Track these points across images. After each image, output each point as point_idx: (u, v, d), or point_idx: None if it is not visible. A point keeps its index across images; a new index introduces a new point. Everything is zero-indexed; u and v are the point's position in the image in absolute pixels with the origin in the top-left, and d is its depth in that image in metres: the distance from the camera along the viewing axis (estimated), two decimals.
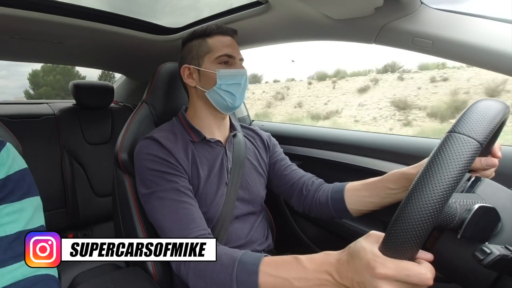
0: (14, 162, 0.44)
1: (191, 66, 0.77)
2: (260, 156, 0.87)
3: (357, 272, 0.39)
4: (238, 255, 0.53)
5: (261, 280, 0.49)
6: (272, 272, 0.49)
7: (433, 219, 0.32)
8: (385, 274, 0.36)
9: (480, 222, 0.37)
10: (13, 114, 1.43)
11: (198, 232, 0.61)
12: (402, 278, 0.35)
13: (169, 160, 0.68)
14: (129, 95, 1.85)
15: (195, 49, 0.77)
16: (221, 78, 0.73)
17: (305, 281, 0.45)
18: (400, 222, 0.33)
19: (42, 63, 2.11)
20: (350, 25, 0.79)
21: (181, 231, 0.61)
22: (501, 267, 0.34)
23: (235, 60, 0.76)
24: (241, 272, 0.51)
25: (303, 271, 0.46)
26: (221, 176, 0.76)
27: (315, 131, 1.22)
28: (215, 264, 0.54)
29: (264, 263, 0.50)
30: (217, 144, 0.78)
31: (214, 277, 0.53)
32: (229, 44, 0.76)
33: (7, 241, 0.39)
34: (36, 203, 0.44)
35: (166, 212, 0.64)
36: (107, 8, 1.07)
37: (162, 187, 0.66)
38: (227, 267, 0.52)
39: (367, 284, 0.38)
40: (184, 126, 0.78)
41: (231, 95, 0.75)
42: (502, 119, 0.35)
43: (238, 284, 0.50)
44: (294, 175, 0.84)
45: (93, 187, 1.50)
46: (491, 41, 0.61)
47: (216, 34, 0.76)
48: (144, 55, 1.39)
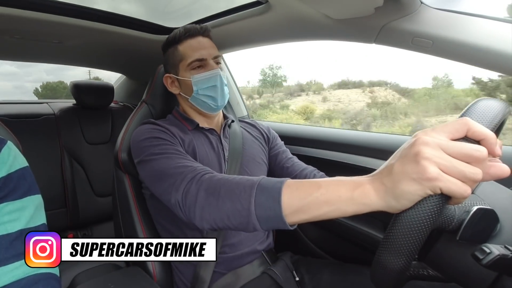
0: (15, 160, 0.44)
1: (171, 75, 0.80)
2: (259, 146, 0.87)
3: (395, 154, 0.35)
4: (261, 177, 0.48)
5: (286, 184, 0.43)
6: (300, 180, 0.43)
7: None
8: (428, 139, 0.31)
9: (478, 223, 0.37)
10: (13, 113, 1.43)
11: (204, 168, 0.57)
12: (451, 149, 0.30)
13: (167, 132, 0.70)
14: (129, 95, 1.85)
15: (171, 58, 0.79)
16: (196, 84, 0.75)
17: (336, 182, 0.39)
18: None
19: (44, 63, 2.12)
20: (350, 25, 0.79)
21: (185, 168, 0.57)
22: (500, 267, 0.34)
23: (207, 62, 0.76)
24: (265, 181, 0.45)
25: (335, 178, 0.40)
26: (219, 165, 0.76)
27: (315, 131, 1.22)
28: (235, 178, 0.49)
29: (291, 180, 0.45)
30: (211, 133, 0.80)
31: (232, 188, 0.47)
32: (198, 47, 0.76)
33: (9, 239, 0.39)
34: (37, 201, 0.44)
35: (169, 162, 0.60)
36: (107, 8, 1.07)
37: (161, 147, 0.65)
38: (250, 179, 0.47)
39: (407, 152, 0.32)
40: (178, 118, 0.81)
41: (211, 98, 0.76)
42: (501, 119, 0.35)
43: (258, 192, 0.44)
44: (297, 168, 0.84)
45: (93, 187, 1.49)
46: (491, 41, 0.61)
47: (185, 38, 0.77)
48: (144, 55, 1.39)
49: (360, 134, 1.10)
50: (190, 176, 0.54)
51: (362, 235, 0.88)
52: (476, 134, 0.31)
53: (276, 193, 0.42)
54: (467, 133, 0.31)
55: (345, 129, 1.19)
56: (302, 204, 0.40)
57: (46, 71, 47.46)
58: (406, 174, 0.32)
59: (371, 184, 0.36)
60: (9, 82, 50.73)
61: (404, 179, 0.32)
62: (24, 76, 52.87)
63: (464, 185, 0.30)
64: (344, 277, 0.75)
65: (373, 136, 1.04)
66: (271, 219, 0.43)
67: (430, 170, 0.30)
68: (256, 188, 0.44)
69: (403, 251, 0.33)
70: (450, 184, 0.30)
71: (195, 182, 0.52)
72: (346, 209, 0.37)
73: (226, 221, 0.47)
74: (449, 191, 0.30)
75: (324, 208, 0.38)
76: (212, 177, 0.52)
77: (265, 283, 0.74)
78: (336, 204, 0.37)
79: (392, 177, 0.33)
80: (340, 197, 0.37)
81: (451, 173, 0.30)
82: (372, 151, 0.98)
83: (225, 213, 0.47)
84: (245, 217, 0.44)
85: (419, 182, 0.31)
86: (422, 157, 0.30)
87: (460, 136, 0.31)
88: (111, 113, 1.63)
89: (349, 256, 0.92)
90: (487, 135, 0.30)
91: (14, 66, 49.39)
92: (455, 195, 0.30)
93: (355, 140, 1.05)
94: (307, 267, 0.80)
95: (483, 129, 0.31)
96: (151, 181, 0.63)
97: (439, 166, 0.30)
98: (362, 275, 0.73)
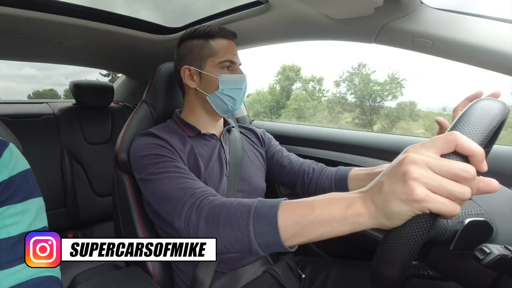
0: (17, 163, 0.44)
1: (192, 68, 0.76)
2: (256, 150, 0.87)
3: (385, 172, 0.35)
4: (258, 199, 0.49)
5: (281, 208, 0.44)
6: (294, 202, 0.44)
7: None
8: (416, 157, 0.31)
9: (472, 234, 0.36)
10: (13, 113, 1.43)
11: (203, 190, 0.58)
12: (439, 168, 0.30)
13: (166, 146, 0.69)
14: (129, 95, 1.85)
15: (197, 50, 0.76)
16: (224, 83, 0.74)
17: (329, 202, 0.39)
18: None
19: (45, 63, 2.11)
20: (350, 25, 0.79)
21: (187, 190, 0.58)
22: (500, 267, 0.34)
23: (236, 66, 0.76)
24: (261, 205, 0.46)
25: (329, 195, 0.41)
26: (221, 168, 0.76)
27: (315, 131, 1.22)
28: (233, 203, 0.50)
29: (285, 201, 0.46)
30: (212, 138, 0.79)
31: (230, 215, 0.48)
32: (231, 49, 0.76)
33: (11, 242, 0.39)
34: (39, 204, 0.44)
35: (168, 183, 0.61)
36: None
37: (160, 165, 0.65)
38: (246, 204, 0.48)
39: (396, 171, 0.32)
40: (179, 124, 0.79)
41: (232, 99, 0.75)
42: (498, 122, 0.35)
43: (255, 219, 0.45)
44: (294, 165, 0.84)
45: (93, 187, 1.49)
46: (491, 41, 0.61)
47: (219, 37, 0.76)
48: (144, 55, 1.39)
49: (358, 134, 1.10)
50: (190, 203, 0.55)
51: (362, 236, 0.88)
52: (464, 150, 0.31)
53: (273, 219, 0.43)
54: (456, 149, 0.31)
55: (344, 129, 1.19)
56: (299, 228, 0.41)
57: (65, 75, 47.75)
58: (395, 194, 0.32)
59: (362, 202, 0.36)
60: (29, 84, 51.01)
61: (393, 200, 0.32)
62: (44, 79, 53.29)
63: (452, 204, 0.30)
64: (351, 273, 0.75)
65: (371, 136, 1.04)
66: (271, 245, 0.44)
67: (417, 192, 0.30)
68: (253, 215, 0.46)
69: (397, 263, 0.34)
70: (438, 204, 0.30)
71: (195, 210, 0.53)
72: (342, 229, 0.38)
73: (230, 248, 0.49)
74: (437, 211, 0.30)
75: (321, 230, 0.39)
76: (211, 202, 0.53)
77: (267, 282, 0.74)
78: (331, 225, 0.38)
79: (382, 196, 0.34)
80: (335, 218, 0.38)
81: (439, 193, 0.30)
82: (370, 150, 0.99)
83: (227, 241, 0.48)
84: (247, 243, 0.46)
85: (407, 203, 0.31)
86: (409, 178, 0.31)
87: (449, 151, 0.31)
88: (111, 113, 1.63)
89: (350, 256, 0.92)
90: (475, 152, 0.30)
91: (35, 68, 49.55)
92: (444, 214, 0.31)
93: (353, 140, 1.05)
94: (312, 265, 0.81)
95: (471, 145, 0.30)
96: (153, 201, 0.65)
97: (427, 186, 0.30)
98: (368, 269, 0.73)
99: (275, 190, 1.16)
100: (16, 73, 52.51)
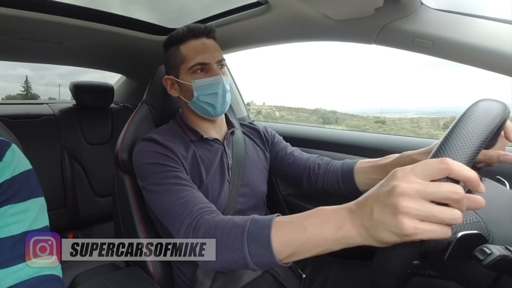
0: (19, 163, 0.45)
1: (171, 77, 0.77)
2: (260, 151, 0.87)
3: (375, 196, 0.35)
4: (250, 217, 0.50)
5: (273, 230, 0.44)
6: (285, 223, 0.44)
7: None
8: (406, 188, 0.31)
9: (465, 246, 0.36)
10: (13, 114, 1.43)
11: (200, 207, 0.58)
12: (429, 195, 0.30)
13: (168, 154, 0.68)
14: (129, 95, 1.85)
15: (172, 58, 0.75)
16: (197, 89, 0.72)
17: (319, 222, 0.40)
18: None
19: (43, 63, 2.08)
20: (350, 26, 0.79)
21: (185, 207, 0.58)
22: (501, 268, 0.34)
23: (210, 66, 0.72)
24: (253, 226, 0.47)
25: (318, 213, 0.42)
26: (222, 173, 0.76)
27: (315, 131, 1.22)
28: (227, 223, 0.51)
29: (278, 219, 0.46)
30: (215, 142, 0.78)
31: (225, 238, 0.49)
32: (202, 49, 0.72)
33: (13, 241, 0.40)
34: (40, 204, 0.45)
35: (168, 196, 0.62)
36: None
37: (162, 175, 0.65)
38: (239, 225, 0.49)
39: (386, 201, 0.32)
40: (182, 127, 0.78)
41: (211, 105, 0.73)
42: (497, 125, 0.35)
43: (249, 241, 0.46)
44: (298, 161, 0.83)
45: (93, 187, 1.49)
46: (491, 41, 0.61)
47: (189, 39, 0.72)
48: (144, 55, 1.39)
49: (358, 134, 1.10)
50: (187, 222, 0.56)
51: None
52: (457, 176, 0.30)
53: (266, 241, 0.44)
54: (448, 175, 0.30)
55: (344, 130, 1.19)
56: (293, 250, 0.42)
57: (59, 75, 47.73)
58: (385, 225, 0.32)
59: (352, 223, 0.37)
60: (23, 84, 51.10)
61: (383, 229, 0.33)
62: (38, 79, 53.16)
63: (443, 228, 0.30)
64: (350, 272, 0.76)
65: (371, 136, 1.04)
66: (268, 263, 0.45)
67: (407, 227, 0.30)
68: (247, 238, 0.46)
69: (392, 273, 0.35)
70: (429, 234, 0.30)
71: (192, 231, 0.54)
72: (334, 248, 0.39)
73: (228, 267, 0.50)
74: (428, 238, 0.31)
75: (315, 250, 0.41)
76: (206, 222, 0.53)
77: (267, 281, 0.75)
78: (324, 245, 0.40)
79: (372, 223, 0.34)
80: (327, 239, 0.39)
81: (430, 221, 0.30)
82: (370, 151, 0.98)
83: (225, 262, 0.49)
84: (244, 264, 0.47)
85: (397, 235, 0.32)
86: (399, 212, 0.31)
87: (441, 177, 0.31)
88: (111, 113, 1.63)
89: (350, 256, 0.92)
90: (468, 177, 0.30)
91: (29, 69, 49.66)
92: (435, 239, 0.32)
93: (353, 140, 1.05)
94: (312, 265, 0.81)
95: (464, 171, 0.30)
96: (154, 211, 0.66)
97: (416, 217, 0.30)
98: (368, 268, 0.73)
99: (275, 190, 1.16)
100: (10, 73, 52.46)
